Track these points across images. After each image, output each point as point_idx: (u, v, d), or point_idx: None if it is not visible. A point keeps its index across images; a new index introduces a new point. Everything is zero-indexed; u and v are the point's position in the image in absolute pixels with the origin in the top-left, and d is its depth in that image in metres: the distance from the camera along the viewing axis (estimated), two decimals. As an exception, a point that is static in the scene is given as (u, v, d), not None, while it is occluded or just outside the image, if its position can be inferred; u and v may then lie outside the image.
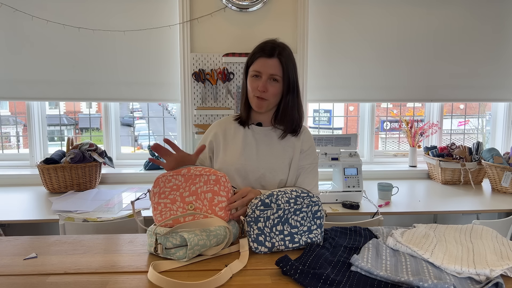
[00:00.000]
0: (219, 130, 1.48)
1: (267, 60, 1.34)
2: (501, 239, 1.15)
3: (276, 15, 2.61)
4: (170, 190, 1.17)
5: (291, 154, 1.43)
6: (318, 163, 1.51)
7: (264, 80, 1.34)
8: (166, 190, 1.17)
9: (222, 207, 1.16)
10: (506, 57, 2.88)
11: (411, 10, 2.75)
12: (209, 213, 1.15)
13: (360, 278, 0.93)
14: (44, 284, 0.92)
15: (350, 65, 2.76)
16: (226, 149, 1.44)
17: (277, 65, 1.35)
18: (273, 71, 1.34)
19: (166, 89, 2.65)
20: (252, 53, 1.39)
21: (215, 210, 1.16)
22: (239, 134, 1.45)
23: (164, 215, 1.14)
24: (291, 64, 1.37)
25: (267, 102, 1.38)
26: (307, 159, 1.45)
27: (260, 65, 1.35)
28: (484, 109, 3.40)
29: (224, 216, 1.16)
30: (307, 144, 1.46)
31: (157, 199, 1.15)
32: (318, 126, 3.63)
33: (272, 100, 1.38)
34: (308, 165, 1.45)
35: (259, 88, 1.34)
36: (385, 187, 2.23)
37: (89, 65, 2.58)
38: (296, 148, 1.44)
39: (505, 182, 2.39)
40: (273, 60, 1.34)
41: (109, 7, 2.54)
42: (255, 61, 1.36)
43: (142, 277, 0.95)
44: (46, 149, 2.80)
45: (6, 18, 2.48)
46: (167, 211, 1.15)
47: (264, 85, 1.34)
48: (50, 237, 1.21)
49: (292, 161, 1.42)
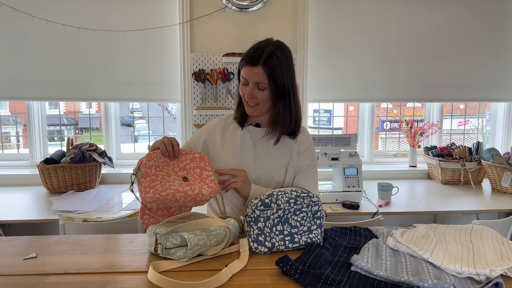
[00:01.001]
0: (217, 128, 1.47)
1: (251, 69, 1.31)
2: (501, 239, 1.15)
3: (276, 15, 2.61)
4: (163, 165, 1.20)
5: (288, 156, 1.42)
6: (317, 164, 1.49)
7: (250, 87, 1.32)
8: (159, 164, 1.19)
9: (212, 179, 1.24)
10: (506, 57, 2.88)
11: (411, 10, 2.75)
12: (201, 185, 1.20)
13: (360, 278, 0.93)
14: (44, 284, 0.92)
15: (350, 65, 2.76)
16: (223, 148, 1.43)
17: (261, 73, 1.29)
18: (258, 79, 1.30)
19: (166, 89, 2.65)
20: (241, 59, 1.37)
21: (206, 182, 1.23)
22: (237, 134, 1.44)
23: (164, 185, 1.14)
24: (279, 70, 1.30)
25: (259, 107, 1.36)
26: (304, 160, 1.44)
27: (245, 73, 1.33)
28: (484, 109, 3.40)
29: (215, 188, 1.22)
30: (304, 146, 1.45)
31: (154, 171, 1.16)
32: (318, 126, 3.63)
33: (263, 105, 1.36)
34: (305, 166, 1.44)
35: (246, 96, 1.34)
36: (385, 187, 2.23)
37: (89, 65, 2.58)
38: (293, 150, 1.42)
39: (505, 182, 2.39)
40: (257, 68, 1.29)
41: (109, 7, 2.54)
42: (242, 68, 1.35)
43: (142, 277, 0.95)
44: (46, 149, 2.80)
45: (6, 18, 2.48)
46: (165, 182, 1.15)
47: (250, 92, 1.32)
48: (50, 237, 1.21)
49: (289, 164, 1.41)
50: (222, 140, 1.45)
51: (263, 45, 1.33)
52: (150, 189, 1.11)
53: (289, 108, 1.37)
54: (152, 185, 1.12)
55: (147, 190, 1.11)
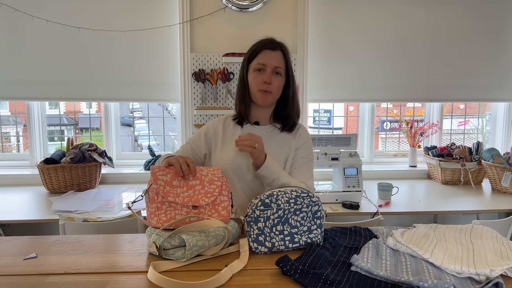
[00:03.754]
0: (220, 126, 1.48)
1: (272, 53, 1.37)
2: (501, 239, 1.15)
3: (276, 15, 2.61)
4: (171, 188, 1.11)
5: (286, 152, 1.44)
6: (313, 160, 1.51)
7: (268, 72, 1.36)
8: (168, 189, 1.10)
9: (225, 206, 1.16)
10: (506, 57, 2.88)
11: (412, 10, 2.75)
12: (212, 213, 1.13)
13: (360, 278, 0.93)
14: (44, 284, 0.92)
15: (350, 65, 2.76)
16: (223, 146, 1.44)
17: (281, 58, 1.39)
18: (278, 64, 1.37)
19: (166, 89, 2.65)
20: (254, 48, 1.40)
21: (218, 209, 1.15)
22: (236, 133, 1.45)
23: (169, 214, 1.09)
24: (290, 59, 1.44)
25: (272, 95, 1.39)
26: (302, 152, 1.47)
27: (264, 57, 1.37)
28: (484, 109, 3.40)
29: (226, 216, 1.15)
30: (303, 140, 1.48)
31: (161, 198, 1.10)
32: (318, 126, 3.63)
33: (276, 94, 1.41)
34: (302, 158, 1.45)
35: (265, 80, 1.36)
36: (385, 187, 2.23)
37: (89, 65, 2.58)
38: (291, 146, 1.45)
39: (505, 182, 2.39)
40: (277, 52, 1.38)
41: (109, 7, 2.54)
42: (259, 54, 1.38)
43: (142, 277, 0.95)
44: (46, 149, 2.80)
45: (6, 18, 2.48)
46: (172, 210, 1.10)
47: (269, 77, 1.36)
48: (50, 237, 1.21)
49: (287, 159, 1.43)
50: (222, 139, 1.46)
51: (273, 38, 1.43)
52: (154, 217, 1.09)
53: (294, 98, 1.45)
54: (156, 213, 1.09)
55: (151, 217, 1.10)
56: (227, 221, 1.15)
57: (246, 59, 1.42)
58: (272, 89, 1.37)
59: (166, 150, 3.06)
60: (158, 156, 2.73)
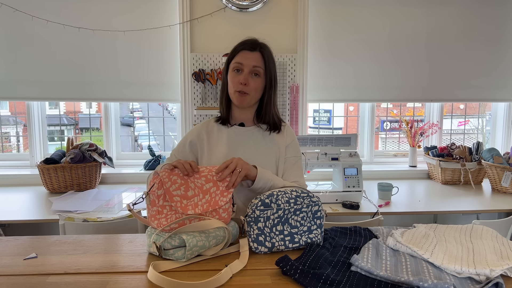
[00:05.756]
0: (202, 131, 1.46)
1: (249, 53, 1.36)
2: (501, 239, 1.15)
3: (276, 15, 2.61)
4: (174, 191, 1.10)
5: (276, 152, 1.43)
6: (301, 157, 1.51)
7: (246, 73, 1.35)
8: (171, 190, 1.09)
9: (225, 208, 1.16)
10: (506, 57, 2.88)
11: (412, 10, 2.75)
12: (212, 215, 1.13)
13: (360, 278, 0.93)
14: (44, 284, 0.92)
15: (350, 65, 2.76)
16: (211, 151, 1.42)
17: (259, 58, 1.37)
18: (255, 63, 1.35)
19: (166, 89, 2.65)
20: (234, 48, 1.40)
21: (219, 211, 1.14)
22: (222, 135, 1.43)
23: (169, 218, 1.08)
24: (271, 61, 1.40)
25: (249, 97, 1.37)
26: (291, 151, 1.47)
27: (242, 57, 1.35)
28: (484, 109, 3.40)
29: (227, 218, 1.15)
30: (290, 138, 1.48)
31: (162, 202, 1.08)
32: (318, 126, 3.63)
33: (254, 95, 1.38)
34: (292, 157, 1.46)
35: (241, 81, 1.34)
36: (385, 187, 2.23)
37: (89, 65, 2.58)
38: (281, 145, 1.44)
39: (505, 182, 2.39)
40: (256, 53, 1.37)
41: (109, 7, 2.54)
42: (237, 54, 1.37)
43: (142, 277, 0.95)
44: (46, 149, 2.80)
45: (6, 18, 2.48)
46: (173, 214, 1.09)
47: (245, 77, 1.34)
48: (50, 237, 1.21)
49: (279, 159, 1.43)
50: (208, 144, 1.43)
51: (255, 39, 1.41)
52: (155, 220, 1.09)
53: (273, 101, 1.43)
54: (157, 217, 1.09)
55: (151, 219, 1.10)
56: (227, 223, 1.15)
57: (227, 59, 1.42)
58: (249, 90, 1.35)
59: (166, 150, 3.06)
60: (158, 156, 2.73)
